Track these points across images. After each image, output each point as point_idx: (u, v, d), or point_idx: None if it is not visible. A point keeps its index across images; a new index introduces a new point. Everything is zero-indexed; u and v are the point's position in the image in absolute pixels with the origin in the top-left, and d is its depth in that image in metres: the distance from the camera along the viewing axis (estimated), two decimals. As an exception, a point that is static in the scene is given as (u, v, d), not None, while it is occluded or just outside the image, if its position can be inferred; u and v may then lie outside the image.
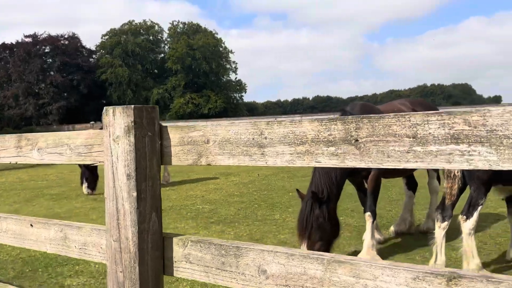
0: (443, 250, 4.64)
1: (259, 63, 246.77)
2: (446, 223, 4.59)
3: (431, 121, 1.05)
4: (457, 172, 4.30)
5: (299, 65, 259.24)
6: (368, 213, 5.24)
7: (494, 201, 7.27)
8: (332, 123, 1.19)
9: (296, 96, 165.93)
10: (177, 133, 1.49)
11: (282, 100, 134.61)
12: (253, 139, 1.32)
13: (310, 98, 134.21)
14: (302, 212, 4.73)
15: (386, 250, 5.67)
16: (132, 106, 1.44)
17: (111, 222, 1.51)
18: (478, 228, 5.38)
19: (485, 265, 4.67)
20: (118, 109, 1.49)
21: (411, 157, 1.08)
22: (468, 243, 4.41)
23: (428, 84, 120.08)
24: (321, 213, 4.65)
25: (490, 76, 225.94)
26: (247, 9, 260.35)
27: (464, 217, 4.35)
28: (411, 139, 1.08)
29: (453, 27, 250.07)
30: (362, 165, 1.15)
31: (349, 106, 5.62)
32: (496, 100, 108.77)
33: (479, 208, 4.33)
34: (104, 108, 1.55)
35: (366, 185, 5.50)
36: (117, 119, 1.48)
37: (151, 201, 1.48)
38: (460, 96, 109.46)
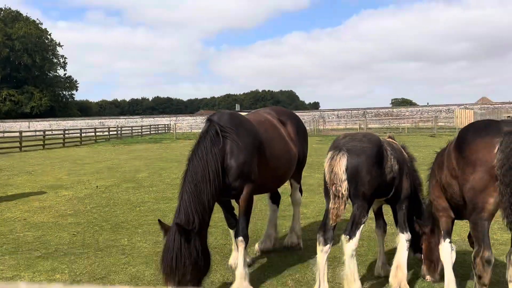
0: (326, 277, 4.26)
1: (92, 60, 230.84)
2: (328, 246, 4.20)
3: None
4: (345, 191, 3.88)
5: (136, 65, 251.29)
6: (240, 238, 4.52)
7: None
8: None
9: (134, 96, 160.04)
10: None
11: (119, 99, 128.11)
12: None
13: (150, 99, 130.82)
14: (167, 249, 3.75)
15: (255, 275, 5.04)
16: None
17: None
18: (338, 239, 5.17)
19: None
20: None
21: None
22: (350, 265, 4.10)
23: (260, 90, 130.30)
24: (192, 249, 3.79)
25: (309, 85, 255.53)
26: (77, 0, 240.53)
27: (347, 236, 4.08)
28: None
29: (279, 39, 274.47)
30: None
31: (216, 115, 4.74)
32: (315, 106, 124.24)
33: (362, 226, 4.08)
34: None
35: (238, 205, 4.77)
36: None
37: None
38: (286, 101, 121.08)
